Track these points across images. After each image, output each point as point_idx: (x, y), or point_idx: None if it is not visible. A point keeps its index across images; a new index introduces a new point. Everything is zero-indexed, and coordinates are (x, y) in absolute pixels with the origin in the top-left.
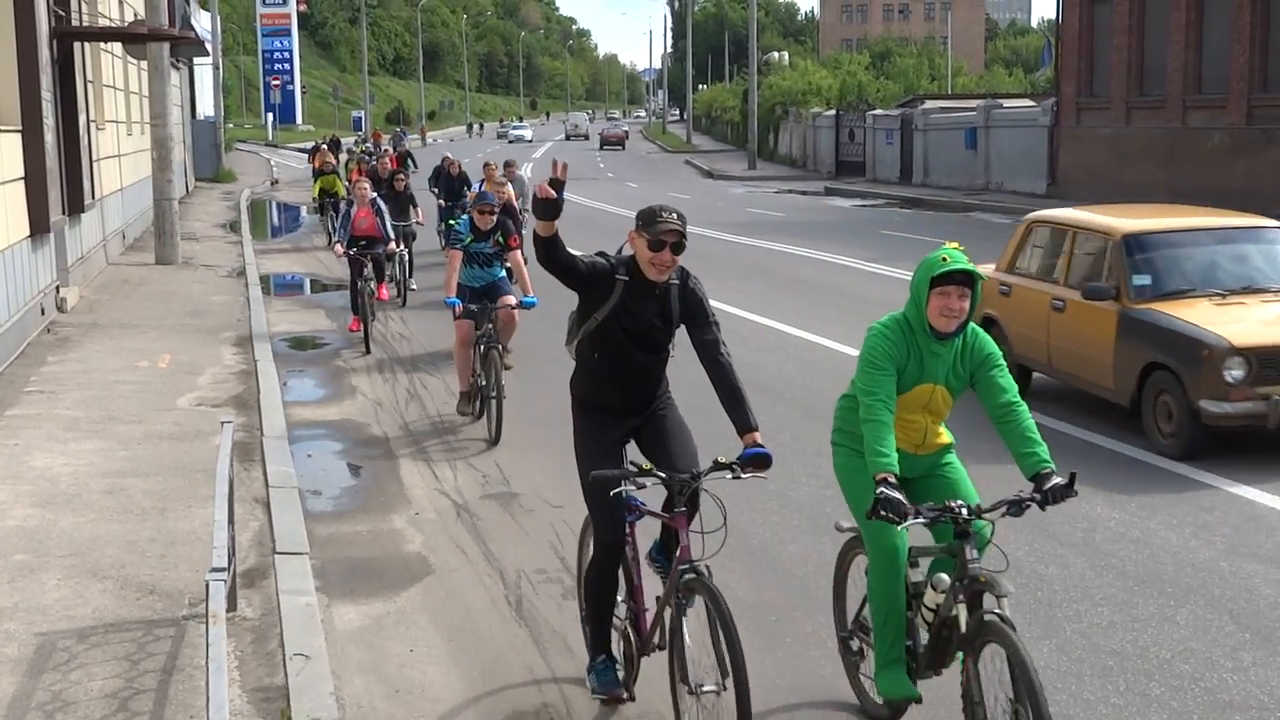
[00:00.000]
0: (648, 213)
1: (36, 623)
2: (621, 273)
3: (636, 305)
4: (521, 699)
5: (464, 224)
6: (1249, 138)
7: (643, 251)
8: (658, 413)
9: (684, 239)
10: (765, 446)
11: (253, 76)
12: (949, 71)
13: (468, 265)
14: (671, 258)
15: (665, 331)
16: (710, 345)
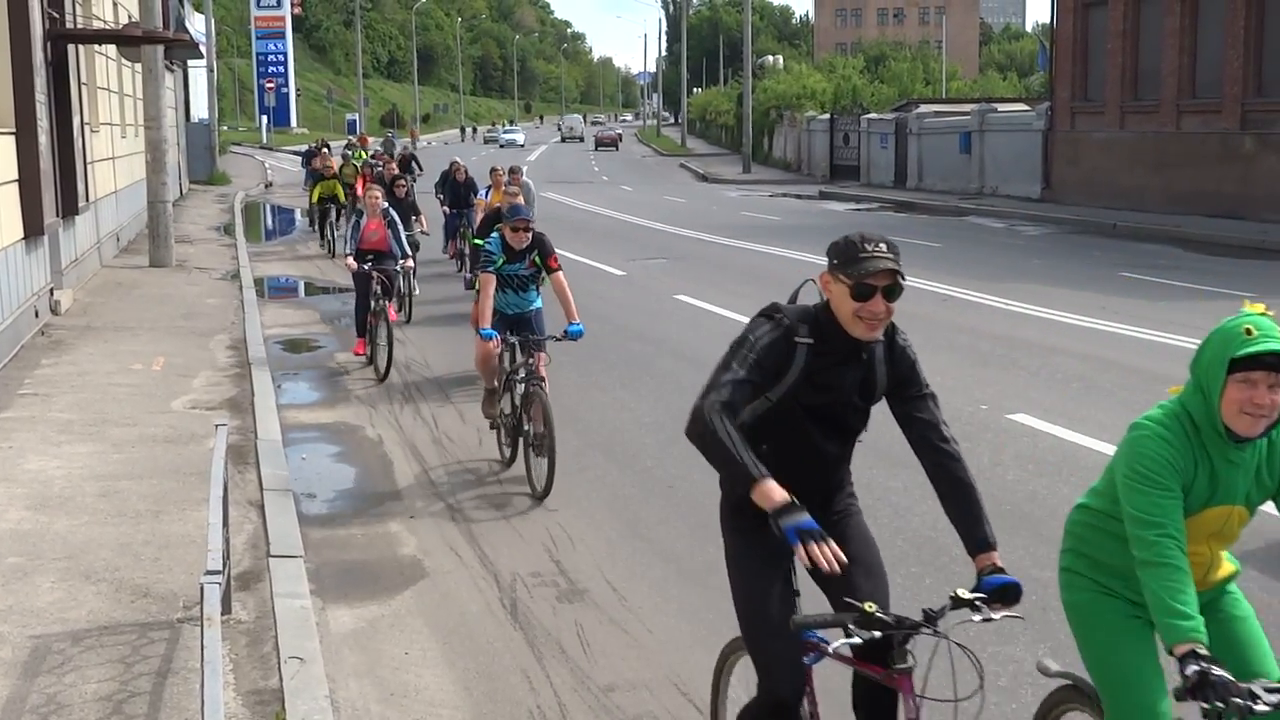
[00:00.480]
0: (846, 246)
1: (30, 625)
2: (803, 333)
3: (828, 376)
4: (516, 702)
5: (495, 243)
6: (1243, 142)
7: (843, 302)
8: (837, 518)
9: (901, 279)
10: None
11: (247, 79)
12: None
13: (500, 290)
14: (886, 307)
15: (864, 409)
16: (928, 427)
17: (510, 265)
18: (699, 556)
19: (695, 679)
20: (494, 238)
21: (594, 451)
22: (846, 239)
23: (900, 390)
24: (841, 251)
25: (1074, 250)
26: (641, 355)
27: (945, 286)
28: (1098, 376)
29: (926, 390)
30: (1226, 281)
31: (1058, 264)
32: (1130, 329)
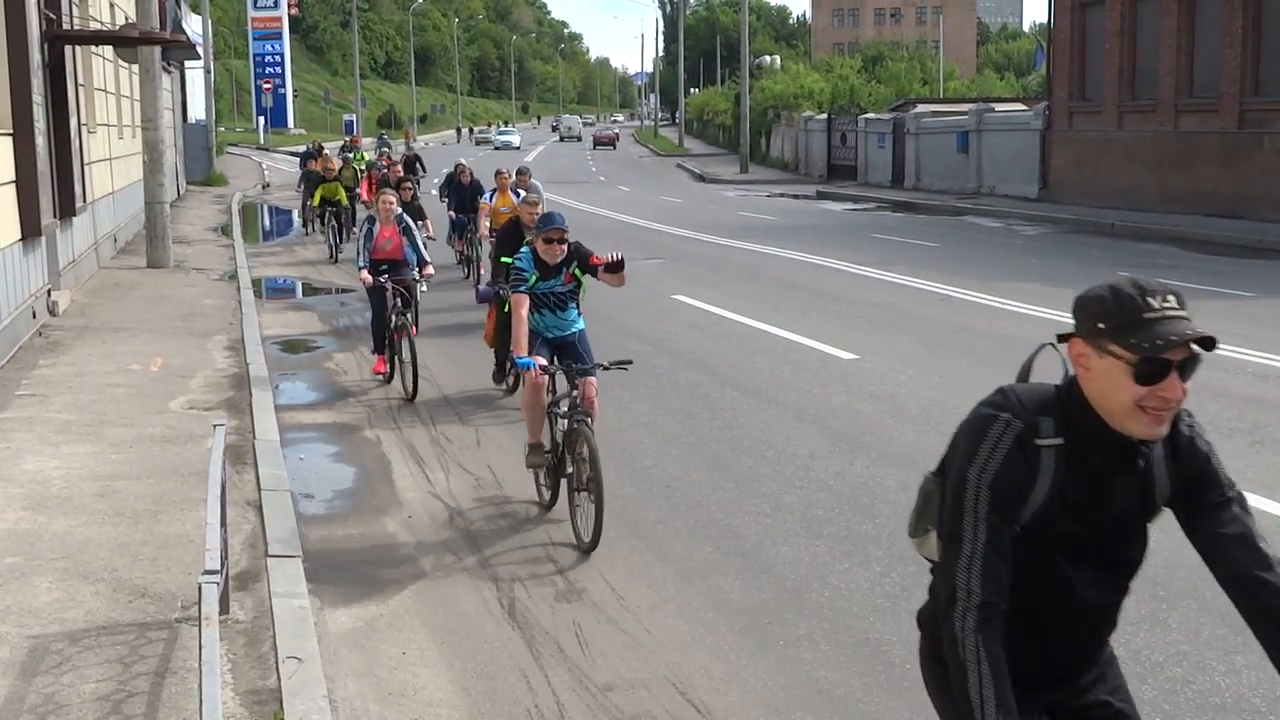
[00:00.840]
0: (1122, 300)
1: (29, 626)
2: (1047, 431)
3: (1090, 490)
4: (514, 702)
5: (526, 259)
6: (1241, 142)
7: (1120, 387)
8: (1101, 698)
9: (1199, 350)
10: None
11: (244, 80)
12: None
13: (535, 310)
14: (1180, 392)
15: (1140, 532)
16: (1238, 545)
17: (545, 283)
18: (697, 556)
19: (693, 678)
20: (524, 252)
21: None
22: (1116, 290)
23: (1193, 498)
24: (1112, 307)
25: (1072, 250)
26: (639, 355)
27: (943, 286)
28: None
29: (1232, 493)
30: (1225, 281)
31: (1055, 263)
32: None
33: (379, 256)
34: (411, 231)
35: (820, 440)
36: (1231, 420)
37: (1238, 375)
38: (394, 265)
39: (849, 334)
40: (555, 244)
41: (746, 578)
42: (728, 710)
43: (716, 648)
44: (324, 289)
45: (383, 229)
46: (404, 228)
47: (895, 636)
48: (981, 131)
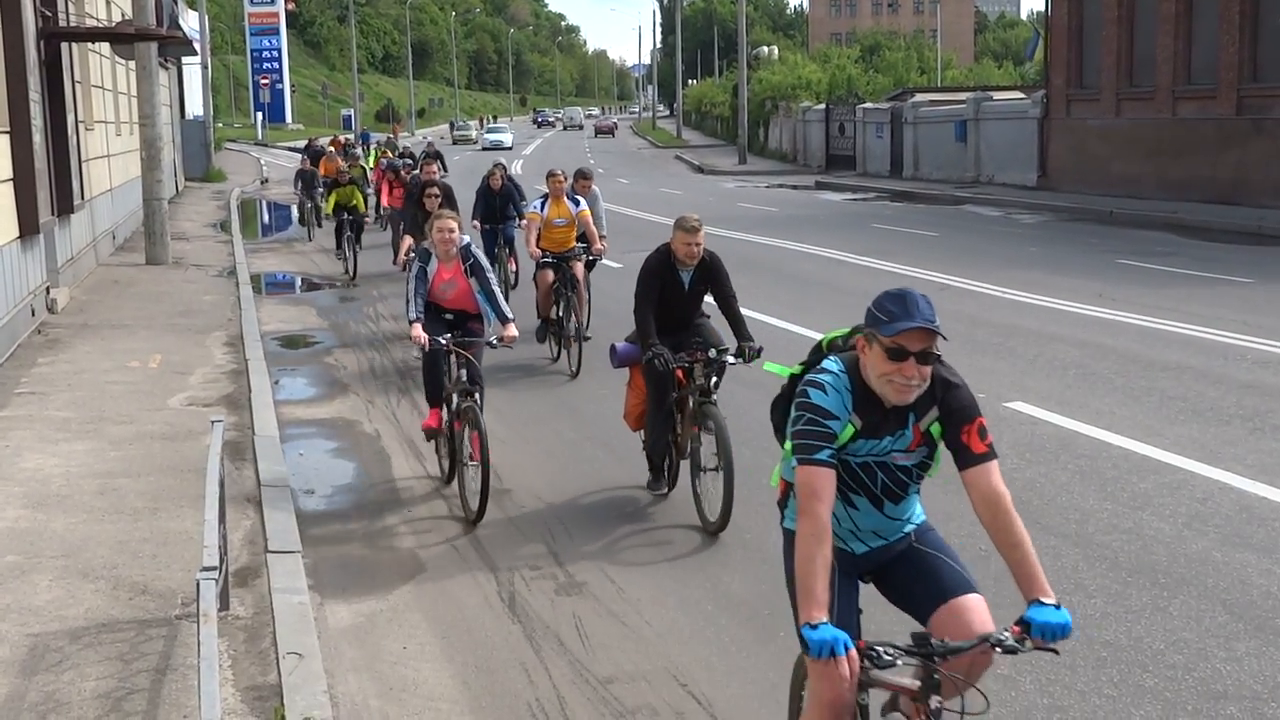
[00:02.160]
0: None
1: (29, 623)
2: None
3: None
4: (515, 695)
5: (835, 383)
6: (1239, 128)
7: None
8: None
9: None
10: None
11: (241, 76)
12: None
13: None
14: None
15: None
16: None
17: (872, 441)
18: (697, 549)
19: (694, 670)
20: (833, 372)
21: (591, 444)
22: None
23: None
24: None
25: (1070, 237)
26: None
27: (942, 275)
28: (1095, 364)
29: None
30: (1224, 267)
31: (1054, 251)
32: (1127, 316)
33: (443, 304)
34: (483, 272)
35: None
36: (1231, 406)
37: (1237, 362)
38: (458, 318)
39: (848, 323)
40: (909, 365)
41: (747, 570)
42: (728, 702)
43: (717, 640)
44: (322, 284)
45: (441, 268)
46: (471, 265)
47: (896, 627)
48: (980, 120)
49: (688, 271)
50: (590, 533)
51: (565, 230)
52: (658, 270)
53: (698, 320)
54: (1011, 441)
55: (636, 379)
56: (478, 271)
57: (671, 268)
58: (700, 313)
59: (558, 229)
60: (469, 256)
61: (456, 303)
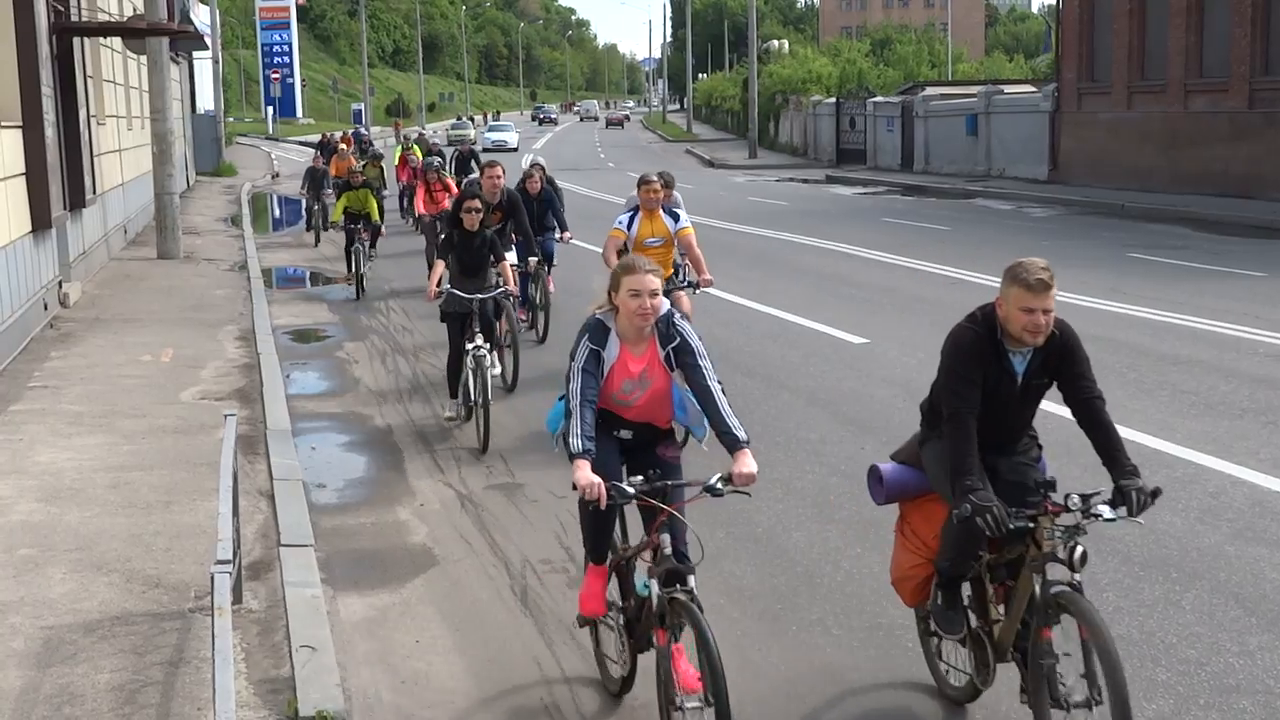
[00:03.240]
0: None
1: (43, 616)
2: None
3: None
4: (527, 689)
5: None
6: (1251, 121)
7: None
8: None
9: None
10: None
11: (252, 70)
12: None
13: None
14: None
15: None
16: None
17: None
18: (709, 541)
19: None
20: None
21: None
22: None
23: None
24: None
25: (1082, 231)
26: None
27: (954, 269)
28: (1107, 357)
29: None
30: (1236, 261)
31: (1066, 245)
32: (1139, 310)
33: (611, 408)
34: (696, 359)
35: (832, 425)
36: (1243, 400)
37: (1249, 355)
38: (642, 436)
39: (860, 318)
40: None
41: (759, 563)
42: (740, 694)
43: (729, 633)
44: (334, 278)
45: (626, 354)
46: (676, 348)
47: (907, 620)
48: (990, 114)
49: (1022, 357)
50: None
51: (661, 253)
52: (975, 351)
53: (1028, 435)
54: None
55: (912, 519)
56: (687, 359)
57: (997, 349)
58: (1030, 426)
59: (652, 251)
60: (672, 334)
61: (645, 412)
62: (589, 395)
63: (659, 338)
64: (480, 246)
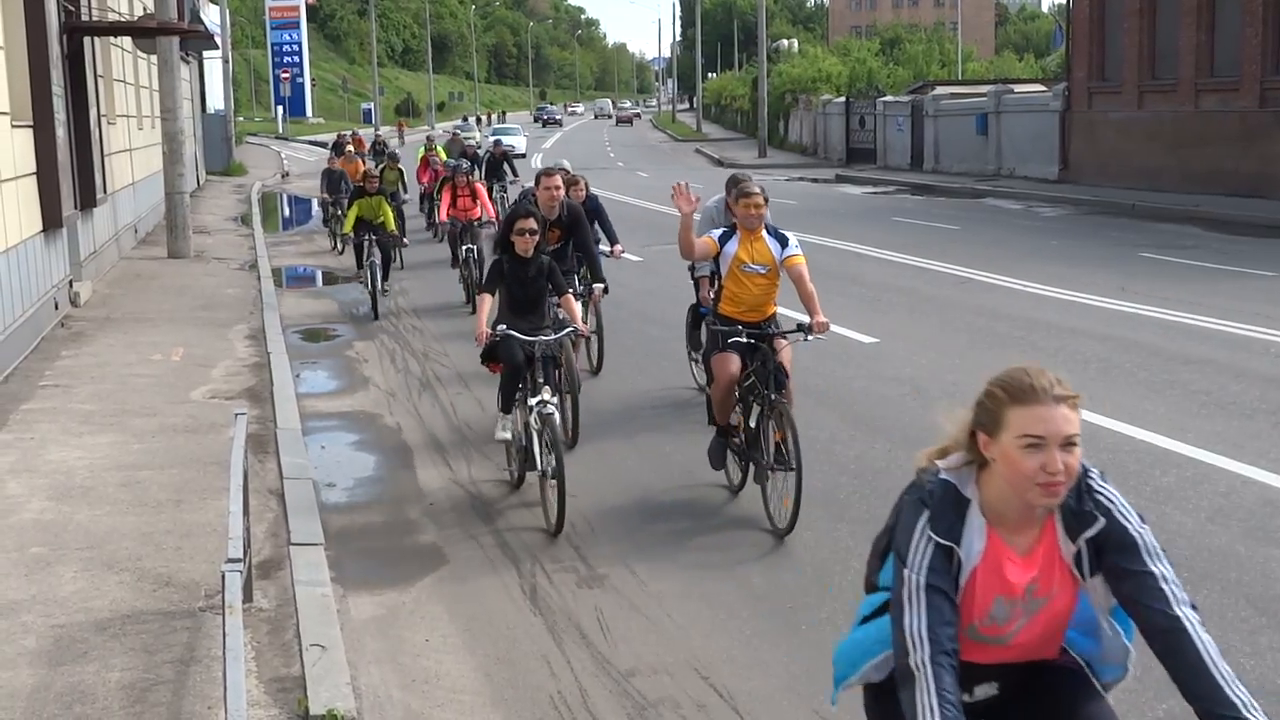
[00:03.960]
0: None
1: (54, 615)
2: None
3: None
4: (537, 687)
5: None
6: (1262, 121)
7: None
8: None
9: None
10: None
11: (262, 70)
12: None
13: None
14: None
15: None
16: None
17: None
18: (718, 542)
19: (715, 663)
20: None
21: (613, 437)
22: None
23: None
24: None
25: (1092, 231)
26: (659, 340)
27: (963, 269)
28: (1117, 357)
29: None
30: (1247, 261)
31: (1076, 245)
32: (1150, 309)
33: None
34: (1139, 550)
35: (841, 424)
36: (1254, 401)
37: (1260, 355)
38: (1010, 689)
39: (870, 318)
40: None
41: (768, 563)
42: (750, 695)
43: (739, 633)
44: (343, 277)
45: (1000, 547)
46: (1102, 539)
47: None
48: (1000, 113)
49: None
50: (612, 526)
51: (764, 286)
52: None
53: None
54: None
55: None
56: (1125, 564)
57: None
58: None
59: (753, 282)
60: (1090, 512)
61: (1028, 649)
62: (945, 640)
63: (1064, 519)
64: (536, 276)
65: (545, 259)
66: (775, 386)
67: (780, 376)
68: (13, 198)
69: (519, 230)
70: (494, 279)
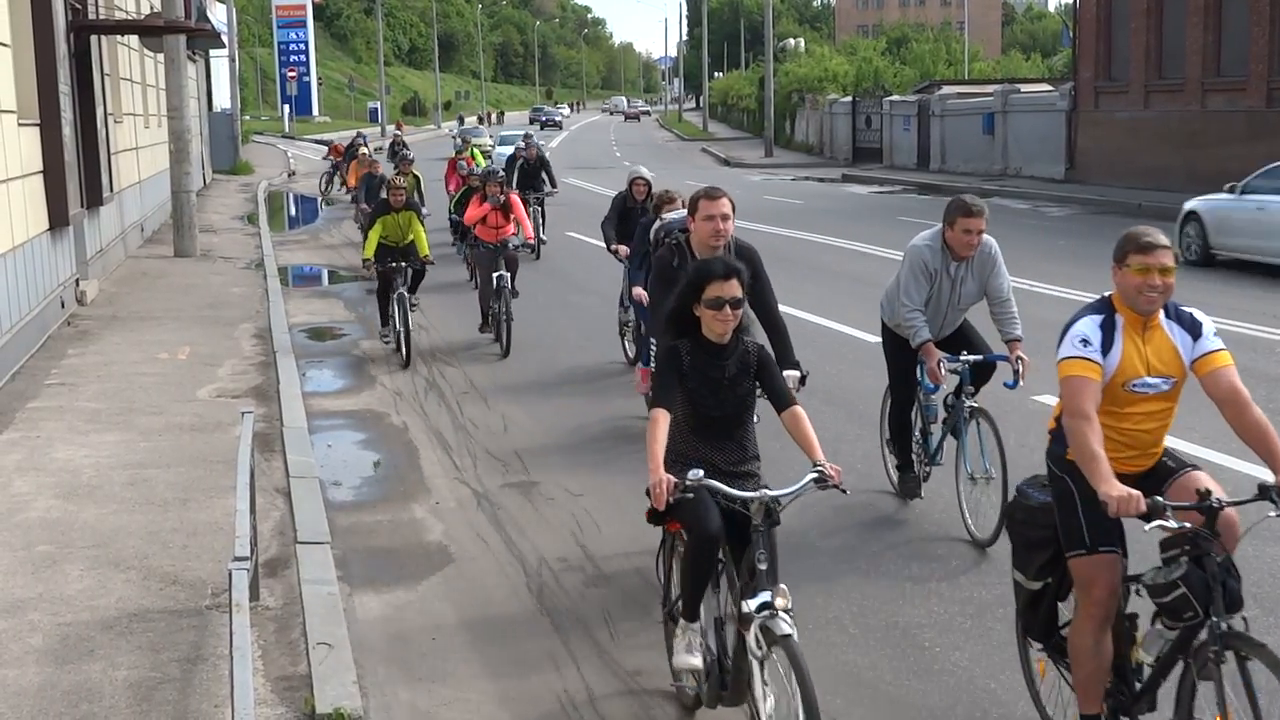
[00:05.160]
0: None
1: (60, 613)
2: None
3: None
4: (543, 686)
5: None
6: (1268, 120)
7: None
8: None
9: None
10: None
11: (269, 68)
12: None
13: None
14: None
15: None
16: None
17: None
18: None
19: None
20: None
21: (618, 438)
22: None
23: None
24: None
25: (1099, 230)
26: None
27: None
28: None
29: None
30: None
31: (1083, 244)
32: None
33: None
34: None
35: (848, 424)
36: (1262, 399)
37: (1267, 355)
38: None
39: (876, 317)
40: None
41: None
42: None
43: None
44: (349, 276)
45: None
46: None
47: (924, 619)
48: (1007, 113)
49: None
50: (618, 526)
51: (1162, 413)
52: None
53: None
54: (1040, 434)
55: None
56: None
57: None
58: None
59: (1145, 410)
60: None
61: None
62: None
63: None
64: (740, 376)
65: (753, 346)
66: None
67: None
68: (19, 196)
69: (713, 300)
70: (669, 383)
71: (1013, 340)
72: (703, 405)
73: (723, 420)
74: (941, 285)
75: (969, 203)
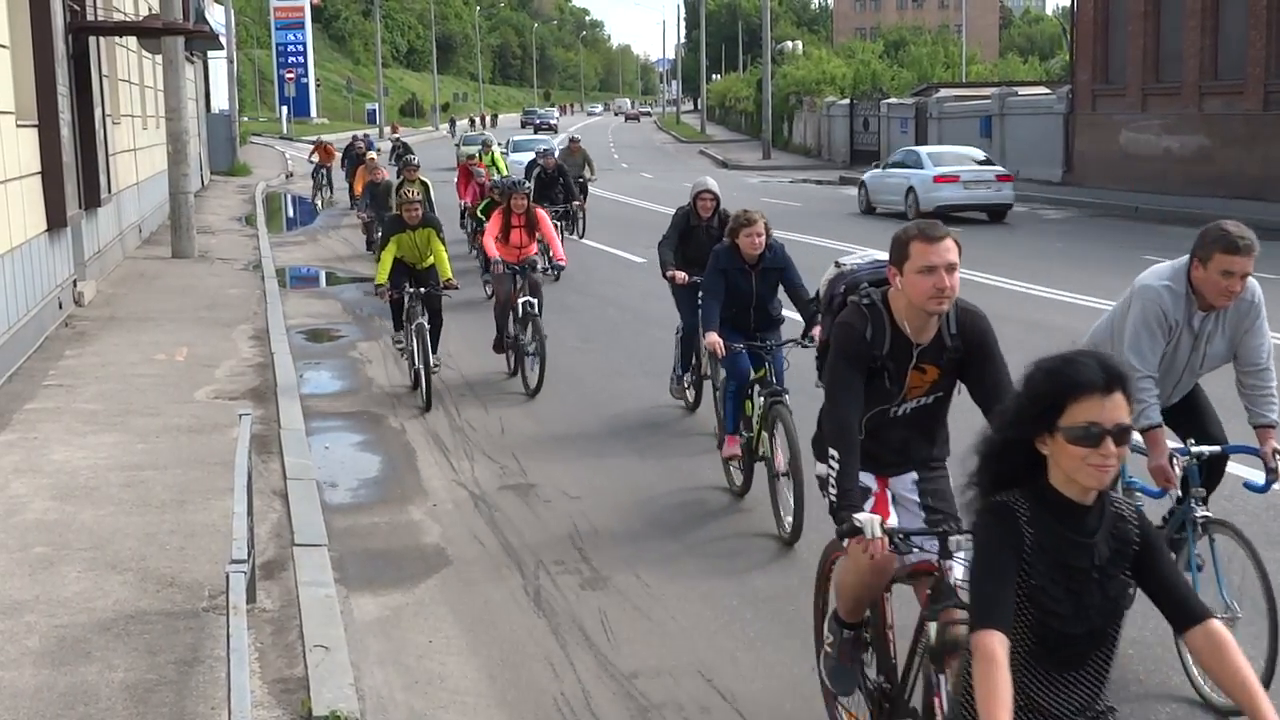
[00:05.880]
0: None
1: (57, 615)
2: None
3: None
4: (540, 689)
5: None
6: (1265, 123)
7: None
8: None
9: None
10: None
11: (267, 70)
12: (963, 59)
13: None
14: None
15: None
16: None
17: None
18: (722, 545)
19: (719, 665)
20: None
21: (616, 440)
22: None
23: None
24: None
25: (1096, 233)
26: (663, 343)
27: (966, 271)
28: None
29: None
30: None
31: (1080, 247)
32: None
33: None
34: None
35: None
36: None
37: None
38: None
39: None
40: None
41: (772, 565)
42: (753, 697)
43: (742, 635)
44: (346, 278)
45: None
46: None
47: None
48: (1005, 116)
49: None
50: (616, 528)
51: None
52: None
53: None
54: None
55: None
56: None
57: None
58: None
59: None
60: None
61: None
62: None
63: None
64: (1112, 568)
65: (1131, 511)
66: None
67: None
68: (17, 197)
69: (1082, 430)
70: (1004, 577)
71: (1264, 426)
72: (1051, 615)
73: (1080, 640)
74: (1181, 342)
75: (1233, 234)
